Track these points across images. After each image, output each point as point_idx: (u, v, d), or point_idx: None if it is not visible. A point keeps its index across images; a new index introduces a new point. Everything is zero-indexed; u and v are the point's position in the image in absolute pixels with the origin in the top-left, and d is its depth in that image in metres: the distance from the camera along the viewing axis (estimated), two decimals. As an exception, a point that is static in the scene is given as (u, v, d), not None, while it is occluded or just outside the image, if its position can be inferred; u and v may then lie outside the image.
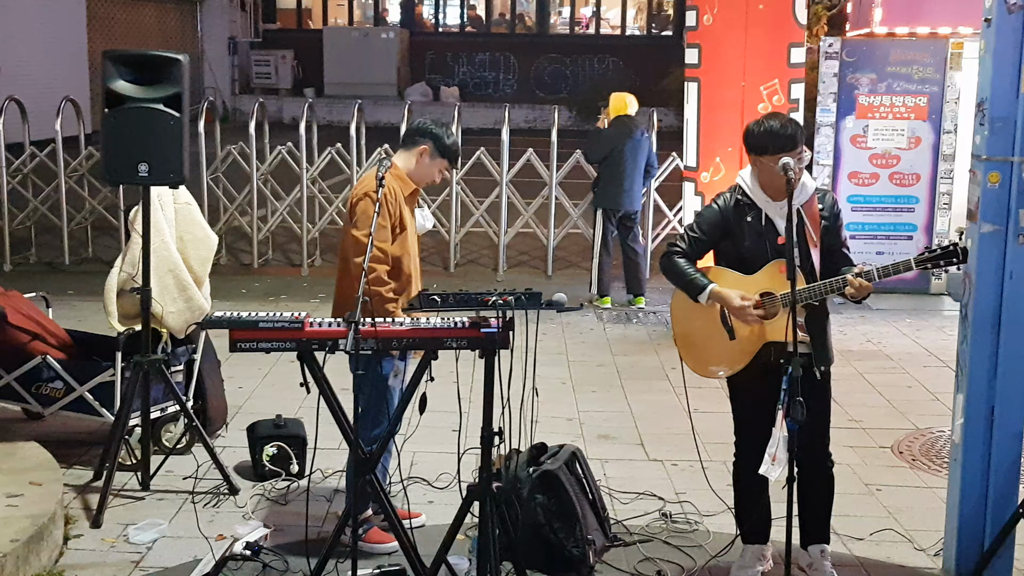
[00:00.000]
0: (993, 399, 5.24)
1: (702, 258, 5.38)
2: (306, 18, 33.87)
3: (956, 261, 4.87)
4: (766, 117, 5.21)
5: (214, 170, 13.24)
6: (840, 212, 5.31)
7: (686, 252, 5.30)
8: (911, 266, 4.92)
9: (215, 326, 5.09)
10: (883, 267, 4.92)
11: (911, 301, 11.45)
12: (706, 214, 5.35)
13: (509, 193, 12.75)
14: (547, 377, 8.37)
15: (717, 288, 5.15)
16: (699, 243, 5.33)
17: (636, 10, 33.93)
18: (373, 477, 5.28)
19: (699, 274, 5.22)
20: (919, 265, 4.92)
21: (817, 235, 5.17)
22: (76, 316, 9.74)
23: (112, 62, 6.06)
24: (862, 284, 4.93)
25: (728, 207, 5.27)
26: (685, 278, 5.25)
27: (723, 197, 5.33)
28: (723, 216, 5.27)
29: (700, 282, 5.19)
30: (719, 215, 5.28)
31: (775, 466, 4.90)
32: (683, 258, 5.29)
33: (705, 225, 5.32)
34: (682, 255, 5.30)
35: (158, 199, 6.53)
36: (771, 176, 5.09)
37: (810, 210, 5.17)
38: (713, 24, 9.62)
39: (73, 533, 5.88)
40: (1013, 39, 4.99)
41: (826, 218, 5.23)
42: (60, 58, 22.76)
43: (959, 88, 11.37)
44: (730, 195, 5.31)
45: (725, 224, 5.27)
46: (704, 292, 5.16)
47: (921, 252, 5.00)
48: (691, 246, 5.32)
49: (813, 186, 5.24)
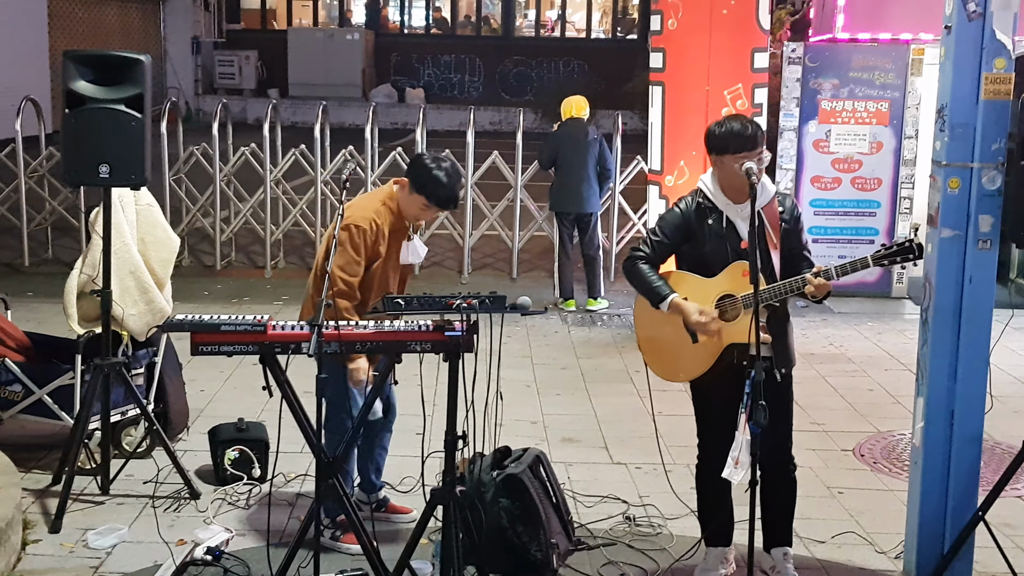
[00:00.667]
0: (953, 403, 5.28)
1: (665, 261, 5.39)
2: (270, 18, 33.74)
3: (912, 257, 4.89)
4: (727, 118, 5.24)
5: (176, 171, 13.18)
6: (800, 216, 5.34)
7: (649, 257, 5.30)
8: (868, 263, 4.93)
9: (176, 329, 5.06)
10: (841, 265, 4.95)
11: (873, 305, 11.51)
12: (668, 218, 5.36)
13: (474, 195, 12.75)
14: (511, 380, 8.34)
15: (677, 299, 5.15)
16: (662, 247, 5.33)
17: (601, 13, 33.99)
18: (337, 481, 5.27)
19: (661, 282, 5.22)
20: (876, 262, 4.94)
21: (777, 238, 5.19)
22: (35, 318, 9.66)
23: (73, 62, 6.02)
24: (821, 283, 4.94)
25: (690, 210, 5.28)
26: (647, 285, 5.25)
27: (684, 200, 5.34)
28: (685, 219, 5.28)
29: (661, 291, 5.19)
30: (681, 218, 5.29)
31: (738, 469, 4.91)
32: (646, 263, 5.29)
33: (667, 228, 5.33)
34: (645, 260, 5.30)
35: (119, 200, 6.48)
36: (732, 178, 5.11)
37: (770, 213, 5.19)
38: (677, 28, 9.65)
39: (31, 538, 5.82)
40: (973, 46, 5.03)
41: (786, 221, 5.25)
42: (21, 57, 22.58)
43: (920, 94, 11.45)
44: (691, 198, 5.32)
45: (687, 227, 5.27)
46: (665, 302, 5.17)
47: (878, 250, 5.03)
48: (654, 250, 5.32)
49: (773, 189, 5.26)
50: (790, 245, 5.24)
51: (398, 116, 28.71)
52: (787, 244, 5.23)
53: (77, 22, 26.36)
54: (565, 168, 11.15)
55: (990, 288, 5.21)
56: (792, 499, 5.49)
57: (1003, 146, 5.09)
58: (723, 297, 5.13)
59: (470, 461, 5.55)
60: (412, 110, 27.66)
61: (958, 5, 5.01)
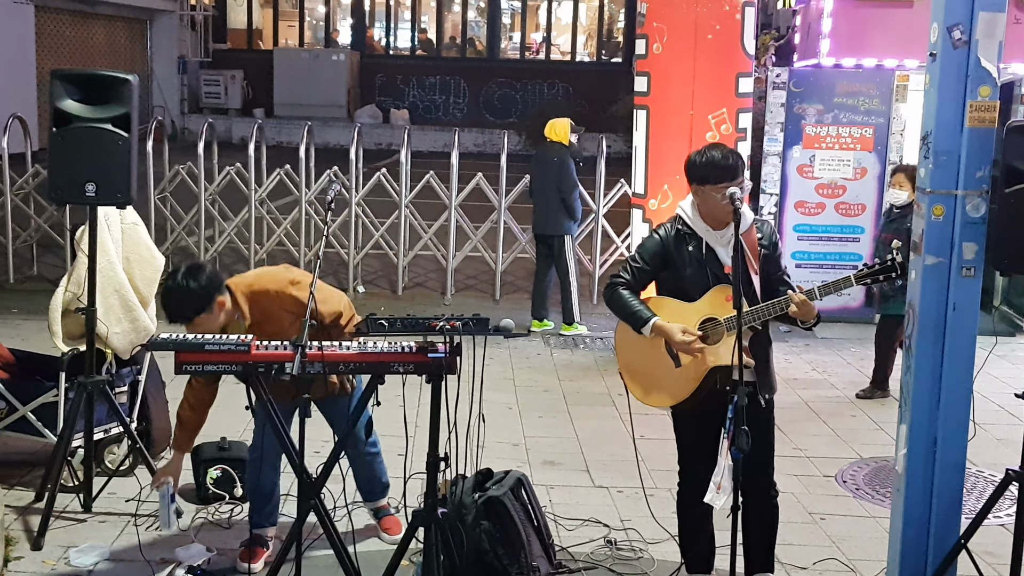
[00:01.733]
0: (936, 430, 5.28)
1: (645, 288, 5.40)
2: (256, 39, 33.78)
3: (895, 275, 4.90)
4: (707, 147, 5.24)
5: (162, 190, 13.17)
6: (778, 242, 5.37)
7: (629, 283, 5.32)
8: (851, 282, 4.94)
9: (161, 348, 5.07)
10: (824, 285, 4.95)
11: (856, 330, 11.53)
12: (648, 244, 5.37)
13: (458, 217, 12.76)
14: (493, 402, 8.36)
15: (659, 321, 5.16)
16: (642, 273, 5.34)
17: (586, 37, 34.11)
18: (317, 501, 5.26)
19: (642, 306, 5.23)
20: (859, 281, 4.94)
21: (756, 263, 5.21)
22: (19, 335, 9.63)
23: (60, 81, 6.02)
24: (803, 300, 4.93)
25: (669, 237, 5.29)
26: (628, 310, 5.26)
27: (664, 227, 5.35)
28: (664, 246, 5.29)
29: (643, 315, 5.20)
30: (660, 245, 5.30)
31: (720, 494, 4.91)
32: (626, 289, 5.31)
33: (647, 255, 5.34)
34: (625, 286, 5.31)
35: (105, 219, 6.48)
36: (711, 205, 5.14)
37: (749, 239, 5.20)
38: (662, 53, 9.68)
39: (13, 555, 5.80)
40: (957, 74, 5.06)
41: (765, 246, 5.27)
42: (7, 75, 22.54)
43: (904, 120, 11.51)
44: (670, 225, 5.33)
45: (666, 254, 5.28)
46: (647, 325, 5.17)
47: (860, 268, 5.03)
48: (634, 276, 5.34)
49: (752, 216, 5.28)
50: (768, 271, 5.26)
51: (383, 137, 28.73)
52: (765, 270, 5.26)
53: (64, 41, 26.35)
54: (534, 190, 11.34)
55: (974, 315, 5.22)
56: (774, 525, 5.48)
57: (987, 174, 5.11)
58: (705, 321, 5.14)
59: (452, 483, 5.55)
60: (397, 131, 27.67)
61: (943, 33, 5.04)
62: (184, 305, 5.30)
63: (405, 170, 12.57)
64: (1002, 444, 7.94)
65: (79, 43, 27.00)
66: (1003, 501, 5.96)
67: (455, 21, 34.23)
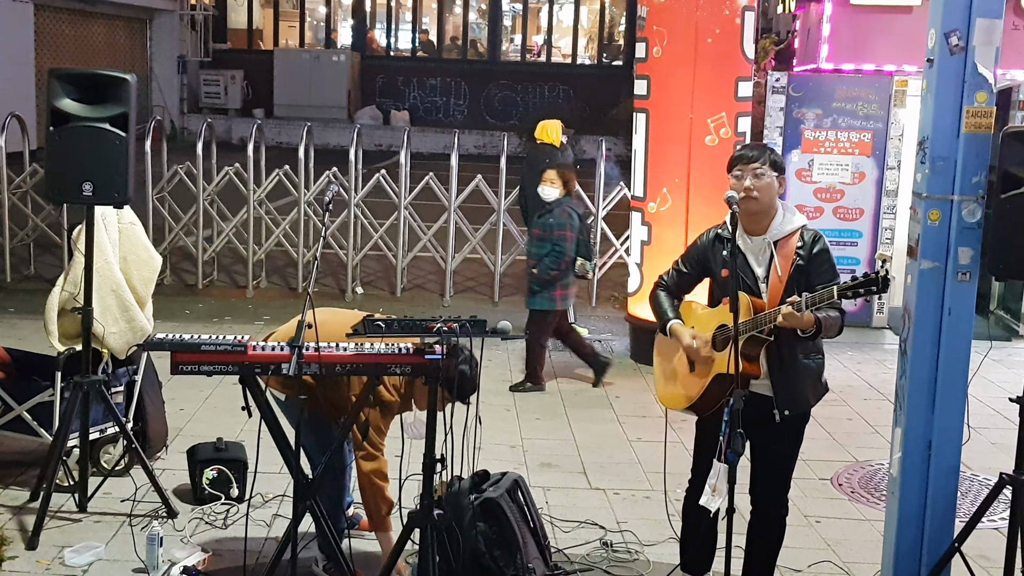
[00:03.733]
0: (931, 434, 5.29)
1: (686, 292, 5.44)
2: (257, 39, 33.77)
3: (876, 290, 4.84)
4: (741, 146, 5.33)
5: (160, 190, 13.15)
6: (822, 252, 5.16)
7: (667, 285, 5.43)
8: (834, 295, 4.91)
9: (157, 348, 5.07)
10: (809, 297, 4.91)
11: (852, 335, 11.53)
12: (691, 249, 5.45)
13: (457, 219, 12.76)
14: (491, 404, 8.37)
15: (675, 324, 5.26)
16: (680, 275, 5.42)
17: (587, 40, 34.12)
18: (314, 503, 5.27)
19: (669, 308, 5.34)
20: (841, 295, 4.90)
21: (785, 273, 5.12)
22: (16, 335, 9.63)
23: (58, 80, 6.02)
24: (788, 312, 4.85)
25: (708, 240, 5.33)
26: (658, 310, 5.39)
27: (708, 231, 5.38)
28: (703, 250, 5.34)
29: (666, 316, 5.32)
30: (700, 250, 5.37)
31: (715, 497, 4.92)
32: (664, 290, 5.42)
33: (688, 259, 5.43)
34: (664, 287, 5.43)
35: (102, 219, 6.48)
36: None
37: (784, 247, 5.14)
38: (662, 56, 9.69)
39: (8, 555, 5.79)
40: (954, 80, 5.07)
41: (801, 257, 5.14)
42: (6, 74, 22.53)
43: (903, 125, 11.52)
44: (713, 229, 5.34)
45: (704, 258, 5.32)
46: (666, 326, 5.30)
47: (845, 282, 5.00)
48: (672, 279, 5.44)
49: (797, 224, 5.19)
50: (807, 282, 5.08)
51: (383, 138, 28.73)
52: (803, 281, 5.10)
53: (64, 40, 26.34)
54: (523, 191, 11.32)
55: (969, 320, 5.23)
56: (777, 543, 5.45)
57: (983, 179, 5.13)
58: (720, 327, 5.15)
59: (448, 485, 5.54)
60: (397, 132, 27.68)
61: (940, 39, 5.05)
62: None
63: (405, 171, 12.57)
64: (997, 448, 7.95)
65: (79, 42, 26.99)
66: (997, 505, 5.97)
67: (456, 23, 34.23)
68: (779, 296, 5.05)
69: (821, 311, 4.92)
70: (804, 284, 5.08)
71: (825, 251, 5.17)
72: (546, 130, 11.23)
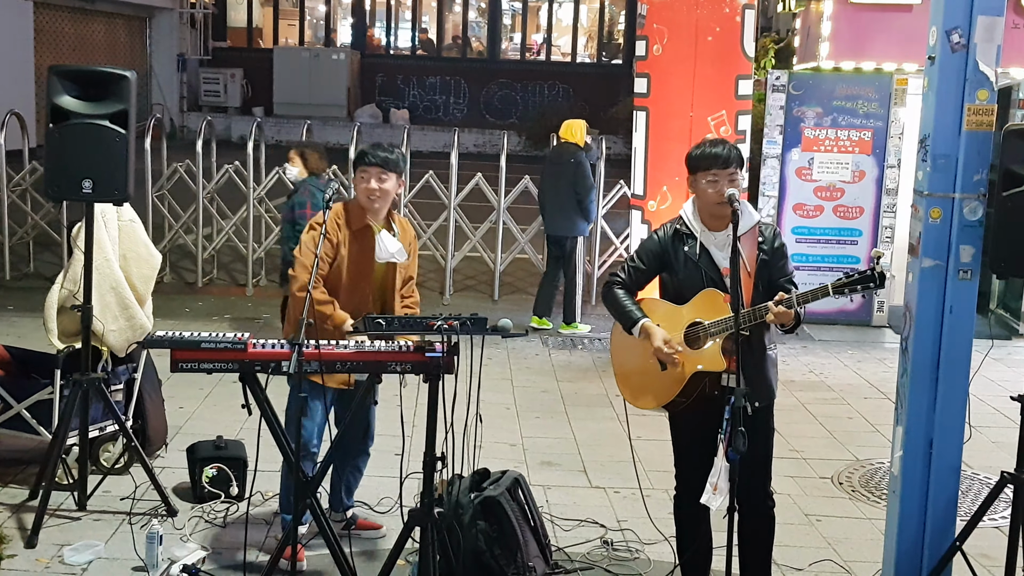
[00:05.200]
0: (932, 432, 5.28)
1: (643, 288, 5.38)
2: (256, 37, 33.74)
3: (873, 286, 4.83)
4: (704, 140, 5.27)
5: (160, 187, 13.16)
6: (782, 247, 5.23)
7: (625, 283, 5.32)
8: (828, 292, 4.89)
9: (157, 346, 5.06)
10: (802, 293, 4.88)
11: (853, 333, 11.55)
12: (647, 244, 5.37)
13: (457, 217, 12.76)
14: (491, 403, 8.36)
15: (648, 323, 5.16)
16: (638, 273, 5.34)
17: (587, 38, 34.10)
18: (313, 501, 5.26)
19: (634, 307, 5.24)
20: (836, 291, 4.87)
21: (752, 267, 5.14)
22: (15, 332, 9.63)
23: (58, 77, 6.01)
24: (781, 311, 4.85)
25: (667, 237, 5.27)
26: (621, 310, 5.26)
27: (664, 227, 5.33)
28: (662, 246, 5.27)
29: (634, 315, 5.20)
30: (658, 245, 5.29)
31: (716, 496, 4.90)
32: (622, 289, 5.31)
33: (645, 255, 5.33)
34: (621, 286, 5.32)
35: (102, 216, 6.47)
36: (705, 200, 5.12)
37: (749, 241, 5.15)
38: (662, 54, 9.68)
39: (7, 553, 5.78)
40: (956, 78, 5.06)
41: (764, 251, 5.18)
42: (6, 71, 22.51)
43: (903, 123, 11.52)
44: (670, 225, 5.31)
45: (663, 254, 5.26)
46: (636, 326, 5.18)
47: (839, 278, 4.98)
48: (630, 276, 5.33)
49: (755, 218, 5.22)
50: (767, 276, 5.16)
51: (382, 136, 28.61)
52: (764, 275, 5.16)
53: (63, 37, 26.32)
54: (543, 190, 11.39)
55: (970, 318, 5.23)
56: (769, 535, 5.42)
57: (984, 177, 5.12)
58: (692, 324, 5.12)
59: (448, 483, 5.54)
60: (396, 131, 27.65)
61: (942, 36, 5.05)
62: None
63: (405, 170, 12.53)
64: (997, 447, 7.95)
65: (78, 40, 26.96)
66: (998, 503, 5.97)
67: (456, 21, 34.20)
68: (750, 291, 5.07)
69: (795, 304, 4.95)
70: (766, 278, 5.14)
71: (784, 245, 5.26)
72: (571, 129, 11.25)
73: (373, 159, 5.72)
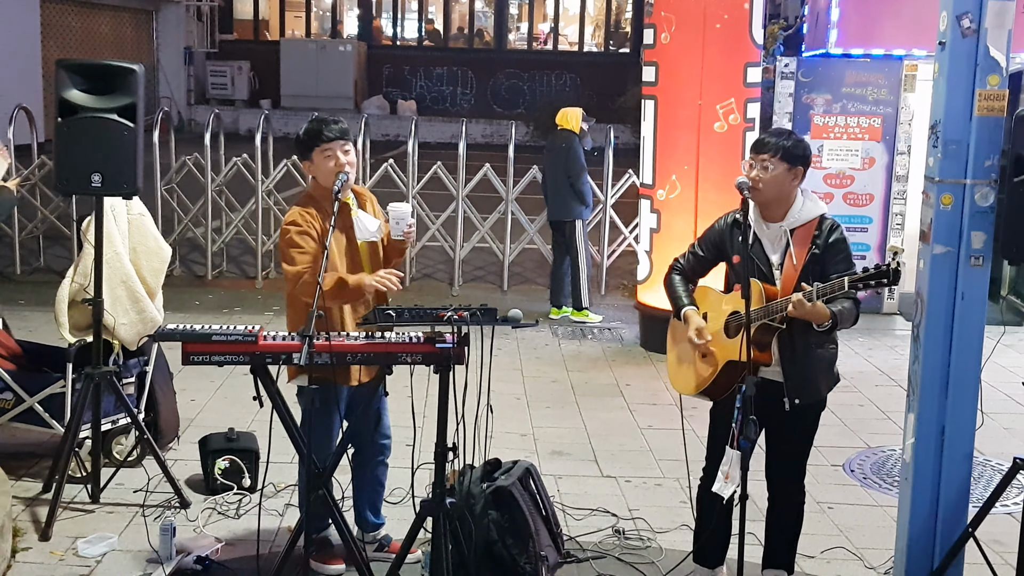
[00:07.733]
0: (944, 419, 5.28)
1: (702, 275, 5.42)
2: (263, 29, 33.77)
3: (887, 282, 4.81)
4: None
5: (168, 181, 13.16)
6: (837, 242, 5.15)
7: (683, 269, 5.41)
8: (844, 286, 4.87)
9: (167, 339, 5.06)
10: (820, 287, 4.87)
11: (864, 321, 11.38)
12: (708, 232, 5.41)
13: (465, 208, 12.75)
14: (502, 393, 8.35)
15: (689, 311, 5.22)
16: (697, 259, 5.39)
17: (594, 27, 34.07)
18: (326, 492, 5.27)
19: (684, 293, 5.32)
20: (852, 286, 4.87)
21: (800, 261, 5.09)
22: (27, 326, 9.64)
23: (66, 71, 6.01)
24: (799, 301, 4.82)
25: (726, 225, 5.29)
26: (672, 295, 5.37)
27: (726, 215, 5.35)
28: (720, 235, 5.31)
29: (680, 302, 5.29)
30: (717, 234, 5.33)
31: (728, 484, 4.91)
32: (679, 274, 5.40)
33: (704, 242, 5.40)
34: (679, 271, 5.41)
35: (111, 210, 6.47)
36: None
37: (803, 234, 5.12)
38: (670, 43, 9.66)
39: (21, 546, 5.80)
40: (966, 63, 5.04)
41: (817, 246, 5.12)
42: (13, 66, 22.54)
43: (913, 110, 11.49)
44: (732, 213, 5.30)
45: (721, 243, 5.29)
46: (680, 312, 5.27)
47: (854, 273, 4.95)
48: (688, 262, 5.41)
49: (815, 212, 5.17)
50: (822, 271, 5.07)
51: (390, 128, 28.74)
52: (817, 269, 5.08)
53: (70, 31, 26.35)
54: (546, 177, 11.47)
55: (982, 305, 5.21)
56: (796, 526, 5.47)
57: (996, 163, 5.10)
58: (733, 314, 5.13)
59: (460, 473, 5.54)
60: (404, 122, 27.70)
61: (952, 21, 5.02)
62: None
63: (412, 161, 12.55)
64: (1009, 433, 7.94)
65: (85, 34, 26.99)
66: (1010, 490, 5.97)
67: (462, 12, 34.19)
68: (793, 284, 5.01)
69: (836, 304, 4.92)
70: (819, 273, 5.04)
71: (841, 240, 5.15)
72: (566, 116, 11.29)
73: (331, 133, 5.44)
